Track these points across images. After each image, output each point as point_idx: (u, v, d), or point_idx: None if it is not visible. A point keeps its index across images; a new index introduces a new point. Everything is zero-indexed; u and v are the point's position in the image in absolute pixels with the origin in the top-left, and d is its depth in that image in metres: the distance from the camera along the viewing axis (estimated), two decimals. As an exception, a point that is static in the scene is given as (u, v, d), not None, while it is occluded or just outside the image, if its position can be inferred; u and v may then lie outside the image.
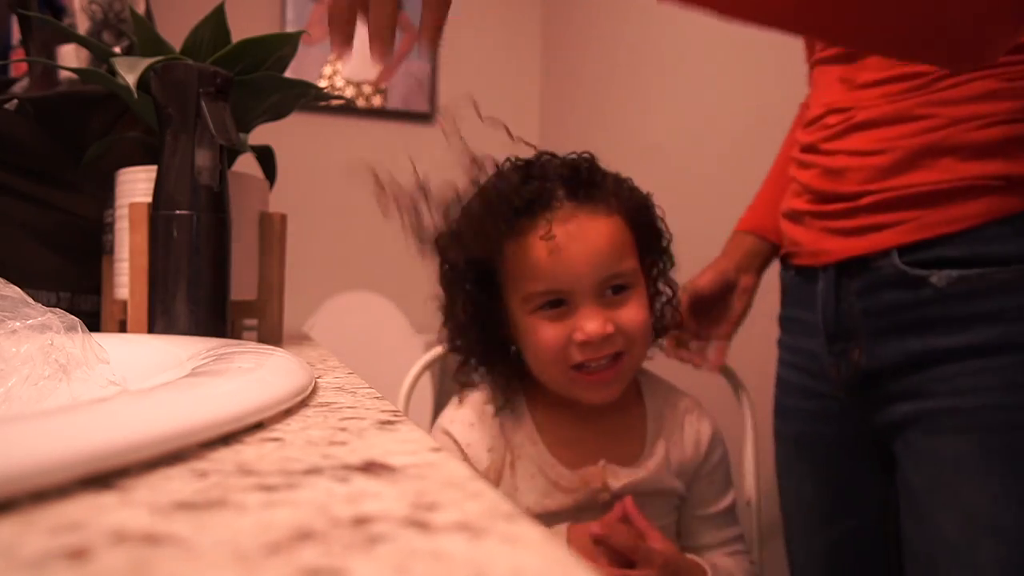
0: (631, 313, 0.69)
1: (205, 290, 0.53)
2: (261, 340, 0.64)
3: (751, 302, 0.89)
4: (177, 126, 0.52)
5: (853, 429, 0.75)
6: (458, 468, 0.21)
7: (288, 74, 0.64)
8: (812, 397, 0.78)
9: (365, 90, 1.99)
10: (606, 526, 0.66)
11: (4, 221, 0.63)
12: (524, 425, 0.75)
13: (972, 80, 0.63)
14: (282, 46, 0.62)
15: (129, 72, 0.52)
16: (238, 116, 0.59)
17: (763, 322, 1.24)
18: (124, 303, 0.61)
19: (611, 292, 0.69)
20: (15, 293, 0.34)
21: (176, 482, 0.18)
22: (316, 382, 0.36)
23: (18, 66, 0.80)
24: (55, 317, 0.34)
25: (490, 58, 2.13)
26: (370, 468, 0.20)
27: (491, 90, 1.64)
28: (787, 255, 0.81)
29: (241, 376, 0.28)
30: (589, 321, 0.67)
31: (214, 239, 0.53)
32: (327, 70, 1.97)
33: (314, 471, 0.20)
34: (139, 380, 0.32)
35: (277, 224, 0.64)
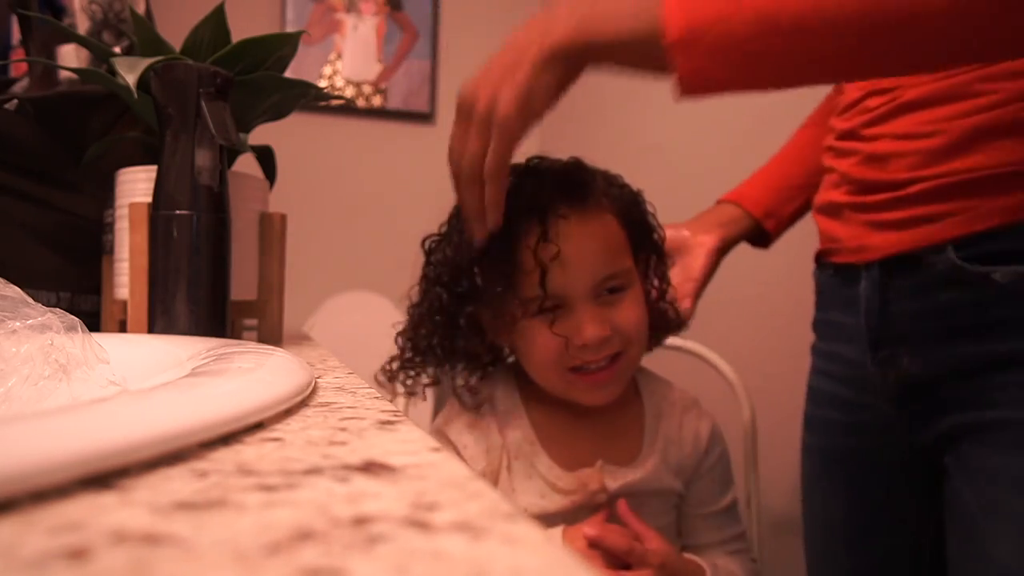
0: (628, 313, 0.69)
1: (205, 290, 0.53)
2: (261, 340, 0.64)
3: (712, 264, 0.82)
4: (177, 126, 0.52)
5: (895, 444, 0.69)
6: (458, 468, 0.21)
7: (288, 74, 0.64)
8: (848, 408, 0.73)
9: (365, 90, 1.99)
10: (598, 526, 0.66)
11: (4, 221, 0.63)
12: (521, 426, 0.74)
13: None
14: (282, 46, 0.62)
15: (129, 72, 0.52)
16: (238, 116, 0.59)
17: (763, 321, 1.24)
18: (124, 303, 0.61)
19: (607, 293, 0.69)
20: (15, 293, 0.34)
21: (176, 482, 0.18)
22: (316, 382, 0.36)
23: (18, 66, 0.80)
24: (55, 317, 0.34)
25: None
26: (370, 468, 0.20)
27: (491, 90, 1.64)
28: (822, 253, 0.75)
29: (241, 376, 0.28)
30: (587, 325, 0.66)
31: (214, 239, 0.53)
32: (327, 70, 1.97)
33: (314, 471, 0.20)
34: (139, 380, 0.32)
35: (277, 224, 0.64)
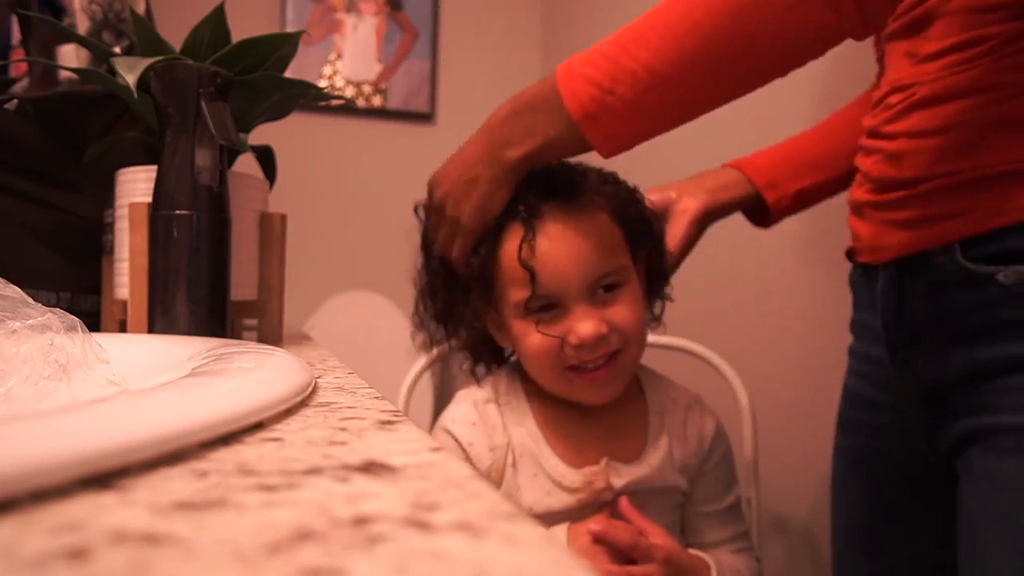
0: (624, 311, 0.69)
1: (205, 290, 0.53)
2: (261, 340, 0.64)
3: (693, 233, 0.80)
4: (177, 126, 0.52)
5: (916, 448, 0.68)
6: (458, 468, 0.21)
7: (288, 74, 0.64)
8: (876, 410, 0.72)
9: (365, 90, 1.99)
10: (602, 522, 0.66)
11: (4, 221, 0.63)
12: (526, 423, 0.74)
13: None
14: (282, 46, 0.62)
15: (129, 72, 0.52)
16: (238, 116, 0.59)
17: (763, 321, 1.24)
18: (124, 303, 0.61)
19: (603, 291, 0.68)
20: (15, 293, 0.34)
21: (176, 482, 0.18)
22: (316, 382, 0.36)
23: (18, 66, 0.80)
24: (55, 317, 0.34)
25: (490, 58, 2.13)
26: (370, 468, 0.20)
27: (491, 90, 1.64)
28: (850, 251, 0.74)
29: (241, 376, 0.28)
30: (582, 324, 0.66)
31: (214, 239, 0.53)
32: (327, 70, 1.97)
33: (314, 471, 0.20)
34: (139, 380, 0.32)
35: (277, 224, 0.65)
